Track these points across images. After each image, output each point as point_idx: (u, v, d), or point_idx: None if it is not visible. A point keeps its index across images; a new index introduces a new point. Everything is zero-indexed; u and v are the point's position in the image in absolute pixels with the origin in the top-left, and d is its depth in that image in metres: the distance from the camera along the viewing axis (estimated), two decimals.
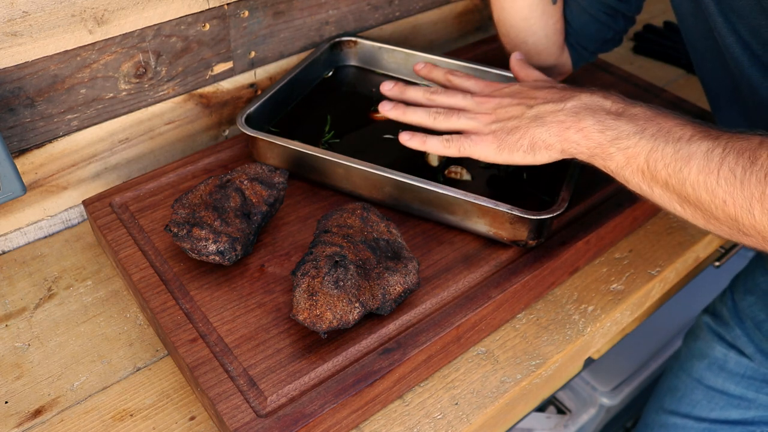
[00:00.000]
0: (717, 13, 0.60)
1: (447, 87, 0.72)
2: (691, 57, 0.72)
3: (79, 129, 0.72)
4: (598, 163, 0.57)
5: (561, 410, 1.22)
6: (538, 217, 0.62)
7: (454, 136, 0.63)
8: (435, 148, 0.64)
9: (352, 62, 0.91)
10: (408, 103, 0.69)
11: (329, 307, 0.54)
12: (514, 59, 0.74)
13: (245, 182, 0.65)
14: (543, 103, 0.61)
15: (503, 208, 0.63)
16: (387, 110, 0.68)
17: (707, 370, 0.85)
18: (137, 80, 0.73)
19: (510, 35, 0.78)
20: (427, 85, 0.71)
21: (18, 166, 0.67)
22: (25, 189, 0.63)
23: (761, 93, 0.61)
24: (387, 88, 0.71)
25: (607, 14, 0.76)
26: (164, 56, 0.74)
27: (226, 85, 0.82)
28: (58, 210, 0.74)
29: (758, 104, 0.62)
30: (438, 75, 0.74)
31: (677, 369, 0.90)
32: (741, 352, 0.82)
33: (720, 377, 0.84)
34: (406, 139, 0.65)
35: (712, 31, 0.62)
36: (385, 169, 0.67)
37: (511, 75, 0.82)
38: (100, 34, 0.67)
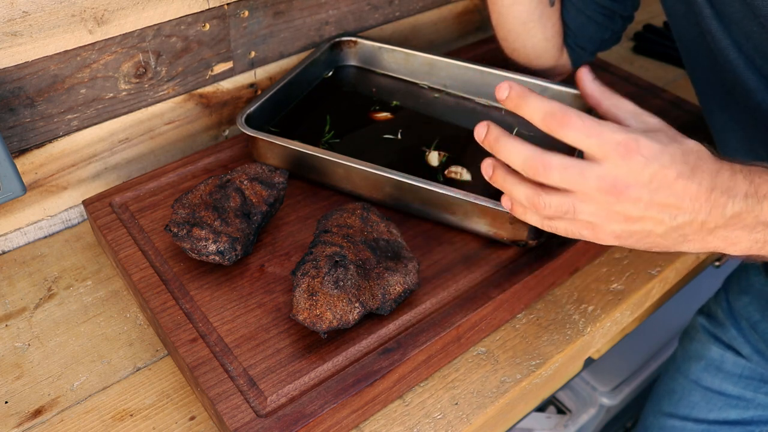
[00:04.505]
0: (711, 16, 0.59)
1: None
2: (683, 59, 0.71)
3: (79, 129, 0.72)
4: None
5: (561, 410, 1.22)
6: None
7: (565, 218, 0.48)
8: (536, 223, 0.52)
9: (352, 62, 0.91)
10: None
11: (329, 307, 0.54)
12: (586, 78, 0.52)
13: (245, 182, 0.65)
14: (690, 217, 0.46)
15: (503, 208, 0.63)
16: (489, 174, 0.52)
17: (704, 371, 0.85)
18: (137, 80, 0.73)
19: (509, 39, 0.77)
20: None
21: (18, 166, 0.67)
22: (25, 189, 0.63)
23: (756, 97, 0.60)
24: (481, 132, 0.50)
25: (604, 15, 0.76)
26: (164, 56, 0.74)
27: (226, 85, 0.82)
28: (58, 210, 0.74)
29: (753, 108, 0.61)
30: (531, 114, 0.47)
31: (674, 371, 0.90)
32: (737, 353, 0.82)
33: (717, 378, 0.84)
34: (507, 206, 0.53)
35: (705, 34, 0.62)
36: (385, 169, 0.67)
37: (512, 75, 0.81)
38: (100, 34, 0.67)
